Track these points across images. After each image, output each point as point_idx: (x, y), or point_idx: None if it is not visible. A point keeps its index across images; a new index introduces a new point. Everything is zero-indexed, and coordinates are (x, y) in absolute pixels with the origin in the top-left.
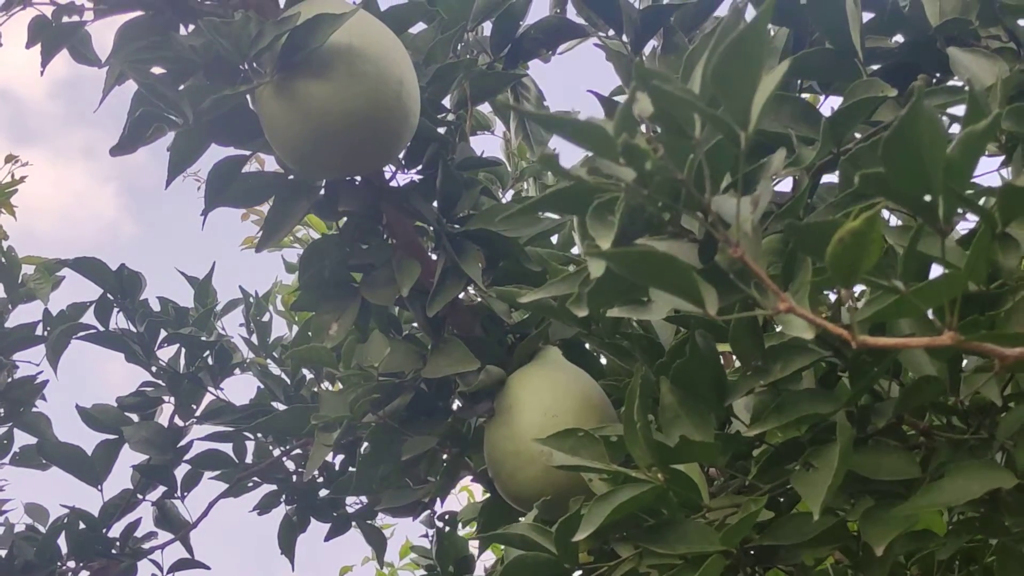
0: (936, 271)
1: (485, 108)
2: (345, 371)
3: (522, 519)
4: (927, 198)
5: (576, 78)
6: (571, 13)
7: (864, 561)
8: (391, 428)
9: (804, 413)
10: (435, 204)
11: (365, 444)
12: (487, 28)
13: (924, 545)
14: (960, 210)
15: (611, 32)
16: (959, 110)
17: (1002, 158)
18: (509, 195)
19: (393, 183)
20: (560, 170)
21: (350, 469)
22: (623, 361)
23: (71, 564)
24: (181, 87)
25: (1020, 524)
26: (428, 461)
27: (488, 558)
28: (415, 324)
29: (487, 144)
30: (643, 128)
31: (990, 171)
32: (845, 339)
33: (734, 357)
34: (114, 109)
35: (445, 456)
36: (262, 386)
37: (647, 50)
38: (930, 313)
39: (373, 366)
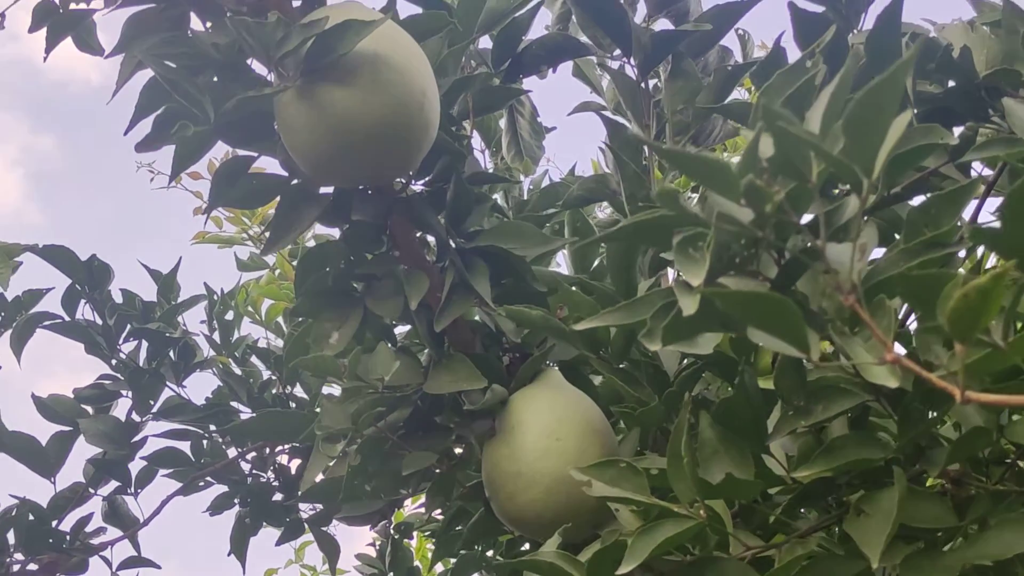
0: None
1: None
2: (348, 382)
3: (543, 546)
4: None
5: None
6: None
7: None
8: (386, 440)
9: (853, 459)
10: (441, 217)
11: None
12: (483, 39)
13: None
14: None
15: (616, 52)
16: None
17: None
18: None
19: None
20: (679, 208)
21: None
22: (631, 387)
23: (19, 556)
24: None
25: None
26: (420, 476)
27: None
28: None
29: None
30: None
31: None
32: (949, 393)
33: None
34: (22, 91)
35: (437, 471)
36: (221, 384)
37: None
38: None
39: (380, 378)
